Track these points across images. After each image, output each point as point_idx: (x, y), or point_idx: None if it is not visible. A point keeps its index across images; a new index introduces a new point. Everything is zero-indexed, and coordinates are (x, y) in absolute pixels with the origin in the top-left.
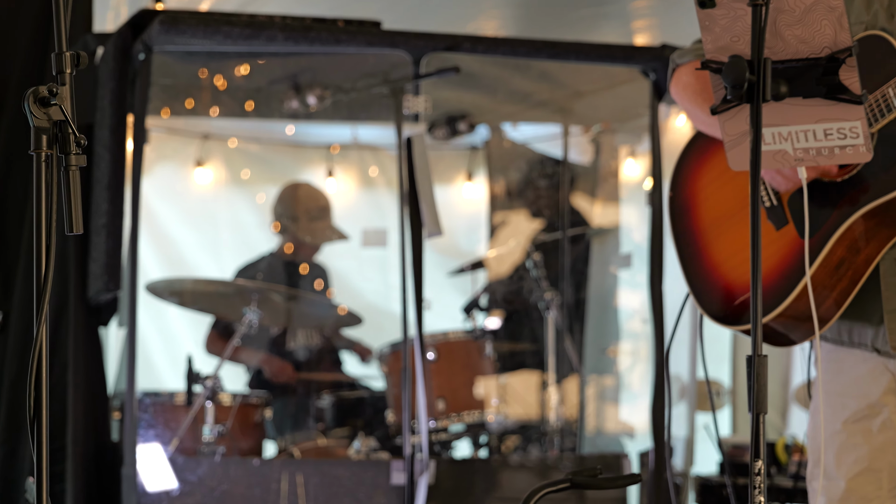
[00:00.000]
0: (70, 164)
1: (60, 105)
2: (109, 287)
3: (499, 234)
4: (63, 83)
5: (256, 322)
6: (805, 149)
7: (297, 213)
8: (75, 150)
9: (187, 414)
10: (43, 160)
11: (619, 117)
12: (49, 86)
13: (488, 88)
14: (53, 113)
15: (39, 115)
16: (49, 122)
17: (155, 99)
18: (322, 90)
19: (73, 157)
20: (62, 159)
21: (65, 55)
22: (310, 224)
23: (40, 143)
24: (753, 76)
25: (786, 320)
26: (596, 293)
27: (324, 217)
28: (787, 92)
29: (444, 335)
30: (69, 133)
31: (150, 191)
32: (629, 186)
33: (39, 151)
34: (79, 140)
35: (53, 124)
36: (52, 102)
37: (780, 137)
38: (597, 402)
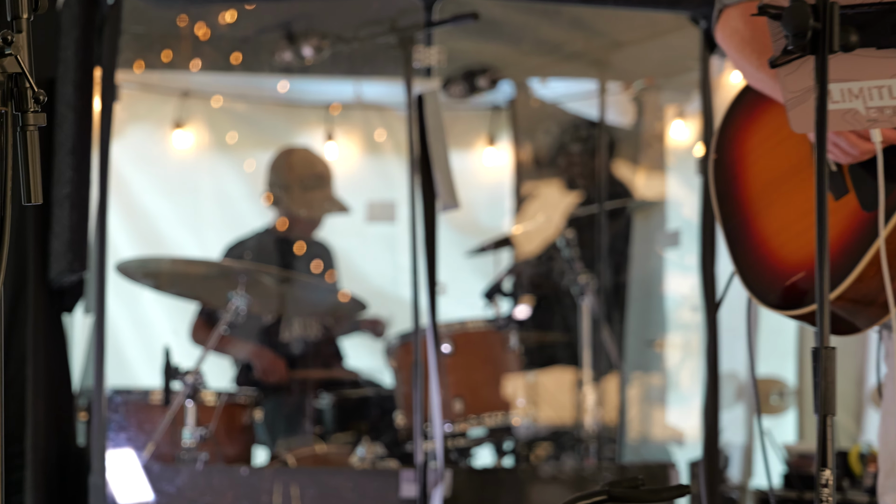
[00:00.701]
0: (27, 124)
1: (16, 55)
2: (74, 267)
3: (526, 207)
4: (19, 30)
5: (244, 308)
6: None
7: (290, 182)
8: (33, 108)
9: (164, 415)
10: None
11: (664, 72)
12: (3, 33)
13: (512, 38)
14: (8, 64)
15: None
16: (3, 74)
17: (127, 50)
18: (320, 40)
19: (30, 115)
20: (18, 118)
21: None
22: (305, 194)
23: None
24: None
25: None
26: (639, 277)
27: (322, 186)
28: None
29: (462, 325)
30: (26, 88)
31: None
32: (677, 152)
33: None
34: (37, 96)
35: (8, 78)
36: (7, 52)
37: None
38: (640, 404)
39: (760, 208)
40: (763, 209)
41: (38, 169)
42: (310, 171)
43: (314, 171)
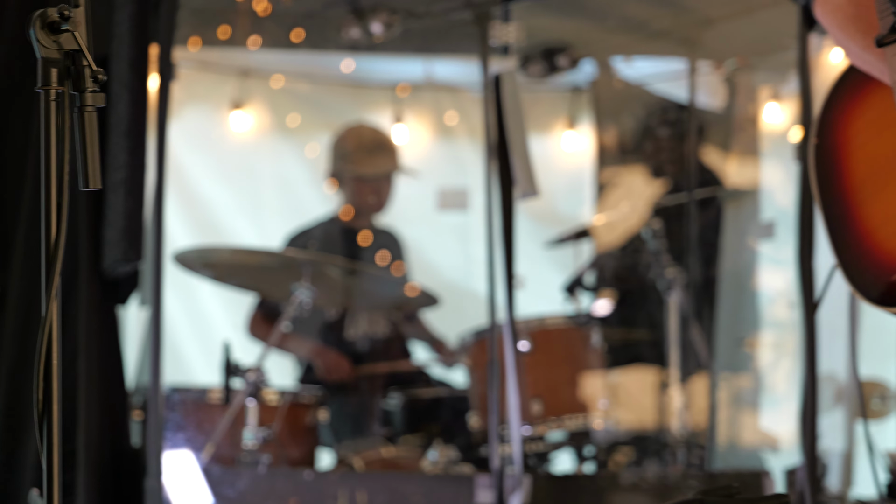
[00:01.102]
0: (85, 104)
1: (74, 31)
2: (129, 257)
3: (608, 195)
4: (76, 4)
5: (309, 302)
6: None
7: (351, 150)
8: (92, 87)
9: (224, 415)
10: (52, 99)
11: (758, 50)
12: (60, 7)
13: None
14: (65, 41)
15: (48, 43)
16: (60, 52)
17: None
18: (389, 16)
19: (88, 94)
20: (75, 98)
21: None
22: (369, 157)
23: (49, 78)
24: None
25: None
26: (730, 270)
27: (386, 150)
28: None
29: (541, 321)
30: (84, 66)
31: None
32: (771, 137)
33: (48, 88)
34: (96, 74)
35: (65, 55)
36: (64, 28)
37: None
38: (729, 408)
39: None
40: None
41: (96, 152)
42: (376, 136)
43: (380, 137)
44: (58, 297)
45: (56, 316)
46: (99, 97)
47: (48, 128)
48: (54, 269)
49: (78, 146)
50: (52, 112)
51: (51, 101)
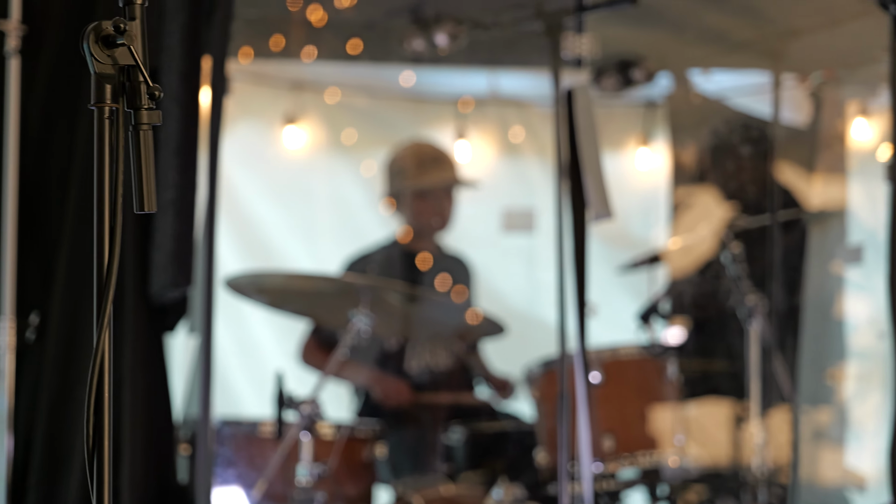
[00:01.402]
0: (141, 122)
1: (129, 46)
2: (178, 282)
3: (682, 216)
4: (132, 17)
5: (368, 330)
6: None
7: (407, 165)
8: (148, 104)
9: (277, 449)
10: (106, 116)
11: (846, 63)
12: (115, 20)
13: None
14: (120, 56)
15: (102, 58)
16: (115, 67)
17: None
18: (455, 26)
19: (144, 112)
20: (130, 116)
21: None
22: (426, 170)
23: (103, 95)
24: None
25: None
26: (814, 298)
27: (445, 163)
28: None
29: (614, 351)
30: (140, 82)
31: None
32: (859, 155)
33: (102, 105)
34: (153, 91)
35: (120, 70)
36: (119, 42)
37: None
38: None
39: None
40: None
41: (151, 173)
42: (430, 152)
43: (437, 151)
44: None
45: (108, 347)
46: (155, 115)
47: (101, 147)
48: (107, 297)
49: (133, 167)
50: (105, 130)
51: (104, 119)
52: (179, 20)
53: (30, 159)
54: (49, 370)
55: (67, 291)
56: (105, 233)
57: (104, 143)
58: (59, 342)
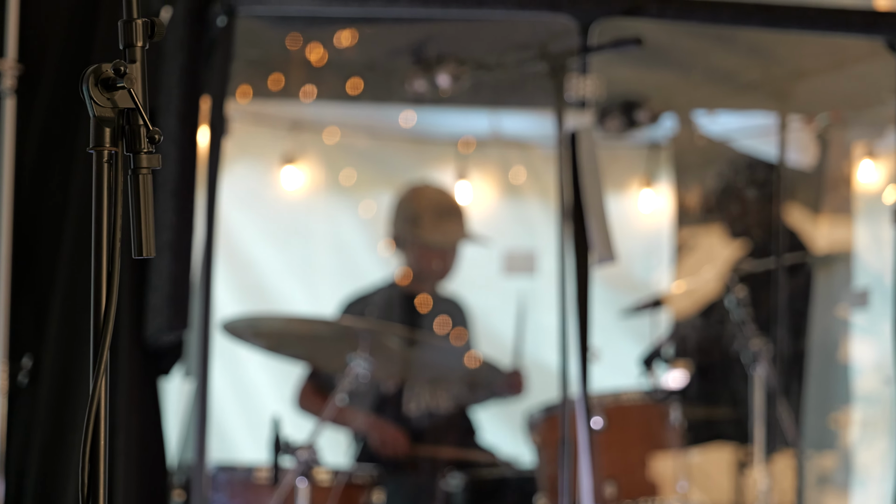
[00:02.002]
0: (140, 166)
1: (129, 89)
2: (174, 325)
3: (686, 259)
4: (133, 60)
5: (367, 374)
6: None
7: (420, 213)
8: (147, 148)
9: (273, 495)
10: (105, 160)
11: (853, 105)
12: (115, 63)
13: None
14: (120, 99)
15: (102, 101)
16: (114, 110)
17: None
18: (457, 67)
19: (143, 156)
20: (129, 159)
21: (135, 23)
22: (438, 223)
23: (102, 139)
24: None
25: None
26: (820, 342)
27: (455, 217)
28: None
29: (616, 396)
30: (140, 125)
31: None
32: (866, 198)
33: (101, 149)
34: (152, 135)
35: (119, 114)
36: (119, 85)
37: None
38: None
39: None
40: None
41: (150, 217)
42: (445, 200)
43: (449, 202)
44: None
45: (105, 393)
46: (155, 159)
47: (100, 191)
48: (104, 343)
49: (132, 211)
50: (104, 174)
51: (103, 163)
52: (178, 60)
53: (25, 200)
54: (42, 414)
55: (62, 334)
56: (103, 277)
57: (103, 187)
58: (53, 386)
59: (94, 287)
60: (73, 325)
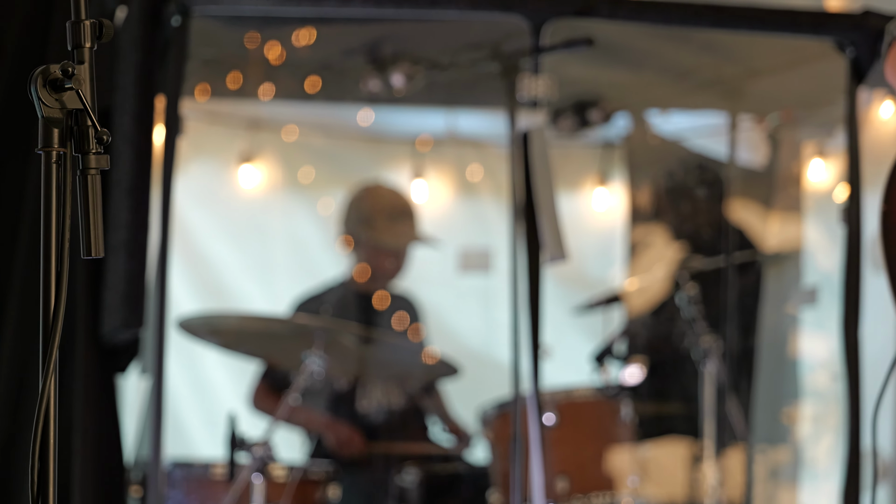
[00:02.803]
0: (89, 167)
1: (78, 90)
2: (129, 323)
3: (639, 257)
4: (81, 61)
5: (322, 372)
6: None
7: (374, 214)
8: (96, 149)
9: (229, 491)
10: (54, 161)
11: (803, 105)
12: (63, 64)
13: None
14: (68, 100)
15: (50, 102)
16: (62, 111)
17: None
18: (411, 67)
19: (92, 157)
20: (78, 160)
21: (83, 24)
22: (391, 225)
23: (51, 139)
24: None
25: None
26: (769, 338)
27: (407, 219)
28: None
29: (568, 393)
30: (88, 126)
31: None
32: (815, 196)
33: (50, 150)
34: (101, 135)
35: (68, 114)
36: (67, 86)
37: None
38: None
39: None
40: None
41: (99, 217)
42: (398, 202)
43: (401, 203)
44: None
45: (54, 391)
46: (103, 159)
47: (48, 192)
48: (53, 342)
49: (80, 211)
50: (52, 175)
51: (52, 164)
52: (133, 59)
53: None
54: None
55: (16, 335)
56: (52, 278)
57: (51, 188)
58: (8, 386)
59: (42, 287)
60: (27, 326)
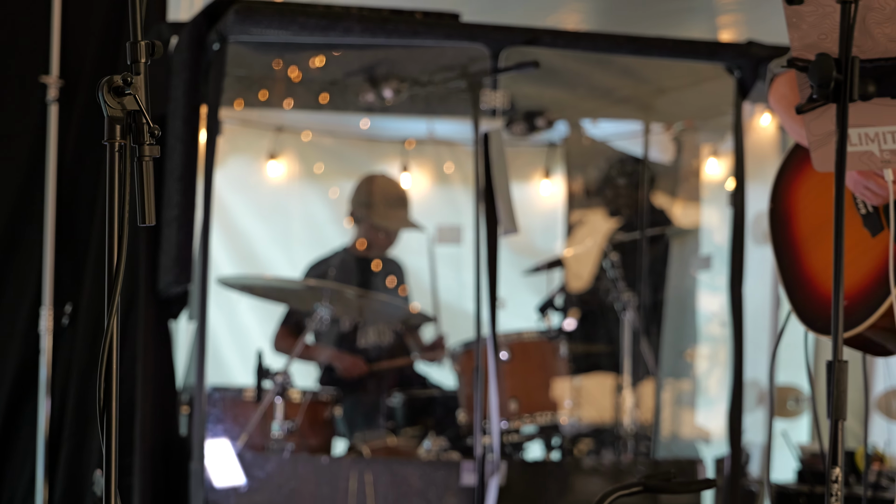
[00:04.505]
0: (143, 155)
1: (135, 95)
2: (180, 280)
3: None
4: (137, 73)
5: (328, 318)
6: (892, 150)
7: (375, 200)
8: (149, 141)
9: (256, 410)
10: (116, 150)
11: (701, 115)
12: (124, 75)
13: (568, 84)
14: (128, 103)
15: (113, 104)
16: (123, 111)
17: (229, 90)
18: (398, 83)
19: (146, 147)
20: (135, 150)
21: (140, 44)
22: (388, 210)
23: (114, 133)
24: (840, 75)
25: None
26: (674, 295)
27: (402, 206)
28: (875, 92)
29: (518, 335)
30: (143, 123)
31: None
32: (710, 186)
33: (113, 141)
34: (153, 130)
35: (127, 114)
36: (127, 92)
37: (867, 138)
38: (672, 407)
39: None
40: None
41: (151, 194)
42: (394, 191)
43: (397, 192)
44: (118, 313)
45: (116, 327)
46: (155, 149)
47: (112, 174)
48: (115, 289)
49: (136, 189)
50: (115, 161)
51: (115, 153)
52: (183, 76)
53: (65, 186)
54: (79, 348)
55: (93, 288)
56: (114, 241)
57: (114, 171)
58: (88, 326)
59: (107, 247)
60: (100, 281)
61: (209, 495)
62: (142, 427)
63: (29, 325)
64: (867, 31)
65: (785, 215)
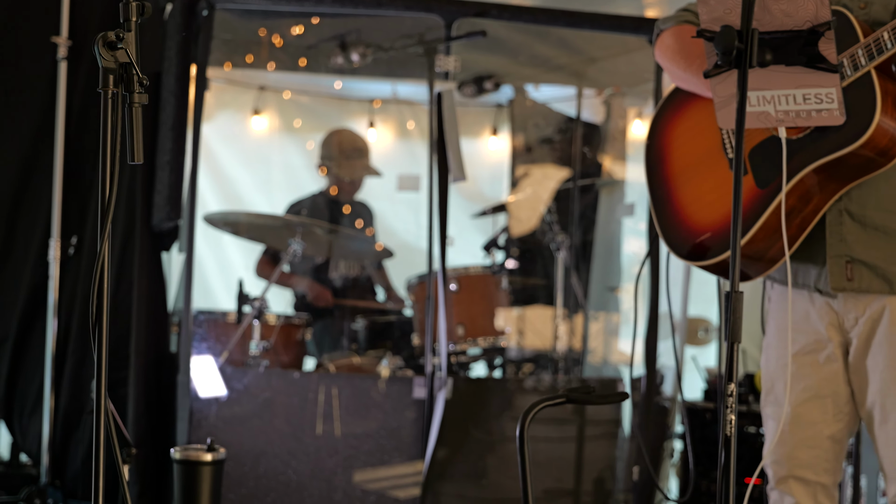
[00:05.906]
0: (133, 102)
1: (126, 49)
2: (171, 216)
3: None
4: (129, 29)
5: (300, 252)
6: (785, 111)
7: (336, 154)
8: (138, 90)
9: (237, 330)
10: (109, 97)
11: (628, 82)
12: (116, 31)
13: (512, 52)
14: (120, 56)
15: (107, 57)
16: (116, 63)
17: (218, 52)
18: (364, 48)
19: (136, 95)
20: (126, 97)
21: (131, 4)
22: (347, 162)
23: (107, 82)
24: (742, 45)
25: (742, 259)
26: (602, 237)
27: (360, 157)
28: (771, 59)
29: (466, 269)
30: (133, 74)
31: (212, 135)
32: (635, 144)
33: (107, 90)
34: (142, 80)
35: (119, 66)
36: (119, 46)
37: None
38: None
39: (680, 184)
40: (682, 185)
41: (140, 137)
42: (351, 145)
43: (355, 145)
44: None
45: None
46: (143, 97)
47: (105, 118)
48: (108, 216)
49: (127, 132)
50: (108, 107)
51: (108, 100)
52: (175, 39)
53: (73, 135)
54: (84, 275)
55: (96, 221)
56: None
57: (108, 116)
58: (90, 256)
59: (100, 181)
60: None
61: (194, 404)
62: (136, 345)
63: (39, 255)
64: (766, 7)
65: (660, 152)
